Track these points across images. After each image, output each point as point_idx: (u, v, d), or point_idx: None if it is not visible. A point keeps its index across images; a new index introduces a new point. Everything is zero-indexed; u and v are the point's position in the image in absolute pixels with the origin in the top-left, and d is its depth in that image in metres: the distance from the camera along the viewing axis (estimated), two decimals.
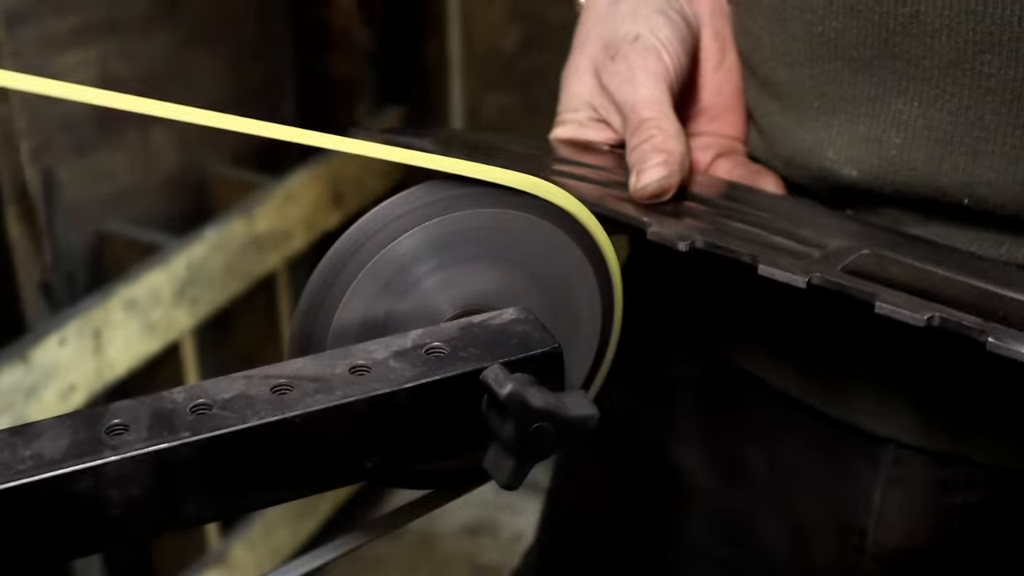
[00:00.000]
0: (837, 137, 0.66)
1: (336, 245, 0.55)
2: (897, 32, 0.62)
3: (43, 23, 1.62)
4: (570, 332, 0.60)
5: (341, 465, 0.50)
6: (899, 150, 0.64)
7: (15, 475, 0.45)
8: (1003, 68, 0.60)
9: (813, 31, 0.65)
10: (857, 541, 0.73)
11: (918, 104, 0.63)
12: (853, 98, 0.65)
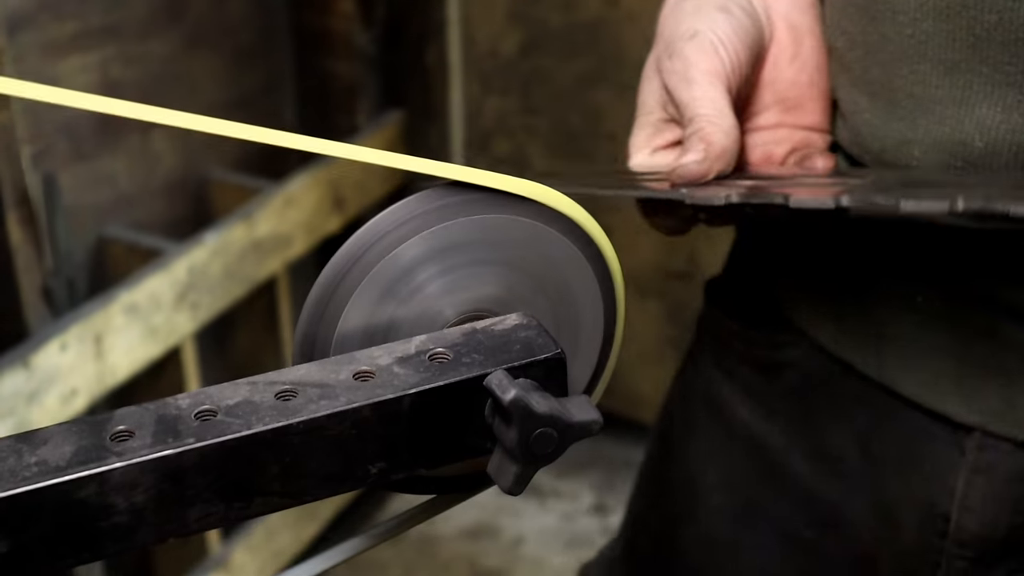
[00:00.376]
0: (924, 137, 0.68)
1: (340, 251, 0.55)
2: (983, 37, 0.63)
3: (43, 29, 1.62)
4: (573, 337, 0.60)
5: (346, 471, 0.50)
6: (981, 154, 0.66)
7: (20, 481, 0.45)
8: None
9: (904, 32, 0.67)
10: (941, 526, 0.75)
11: (1001, 109, 0.64)
12: (940, 100, 0.67)
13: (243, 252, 1.80)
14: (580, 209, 0.58)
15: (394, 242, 0.55)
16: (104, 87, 1.71)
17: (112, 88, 1.72)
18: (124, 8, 1.74)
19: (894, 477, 0.77)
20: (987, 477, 0.73)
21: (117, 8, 1.73)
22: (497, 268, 0.57)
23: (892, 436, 0.77)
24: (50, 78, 1.62)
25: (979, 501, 0.73)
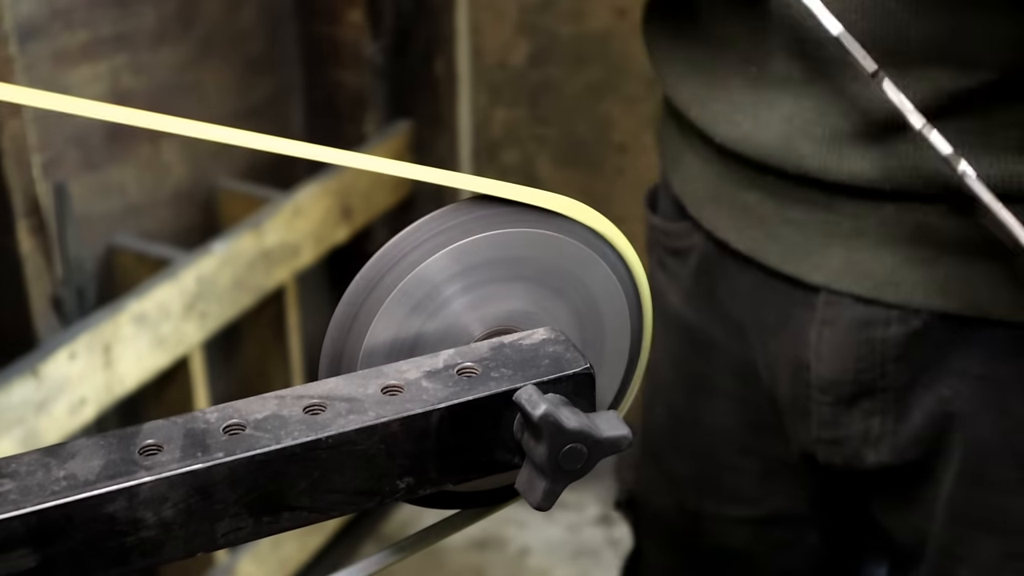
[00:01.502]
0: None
1: (367, 266, 0.55)
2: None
3: (54, 38, 1.62)
4: (600, 350, 0.59)
5: (374, 486, 0.50)
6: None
7: (49, 496, 0.45)
8: None
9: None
10: (805, 376, 0.86)
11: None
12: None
13: (252, 261, 1.80)
14: (607, 223, 0.58)
15: (421, 256, 0.55)
16: (114, 96, 1.71)
17: (122, 97, 1.72)
18: (135, 18, 1.74)
19: (773, 337, 0.88)
20: (832, 328, 0.83)
21: (128, 18, 1.73)
22: (524, 282, 0.57)
23: (768, 301, 0.87)
24: (61, 87, 1.62)
25: (828, 350, 0.84)
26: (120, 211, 1.80)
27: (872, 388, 0.84)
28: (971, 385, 0.81)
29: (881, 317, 0.81)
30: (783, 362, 0.88)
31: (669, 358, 1.01)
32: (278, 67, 2.08)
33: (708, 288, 0.94)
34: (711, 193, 0.89)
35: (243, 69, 1.99)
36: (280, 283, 1.89)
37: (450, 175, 0.56)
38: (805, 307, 0.84)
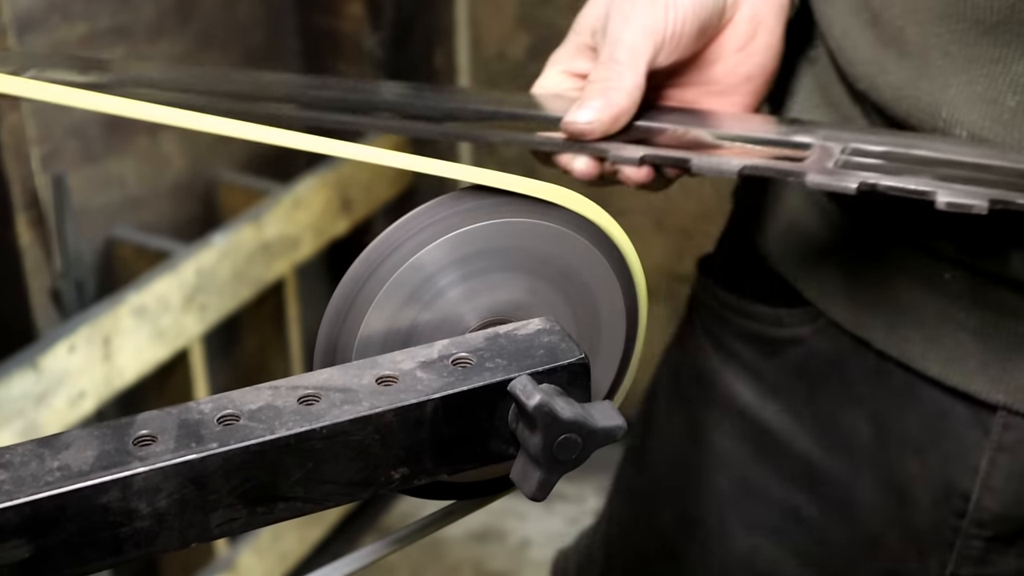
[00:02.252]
0: (954, 97, 0.67)
1: (361, 255, 0.55)
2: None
3: (53, 30, 1.62)
4: (595, 341, 0.59)
5: (368, 476, 0.50)
6: (1012, 113, 0.65)
7: (43, 486, 0.45)
8: None
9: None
10: (959, 505, 0.74)
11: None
12: (976, 59, 0.66)
13: (251, 254, 1.80)
14: (603, 213, 0.58)
15: (416, 247, 0.55)
16: None
17: None
18: (133, 10, 1.74)
19: (911, 456, 0.76)
20: (1011, 455, 0.72)
21: (127, 10, 1.73)
22: (519, 273, 0.56)
23: (911, 415, 0.76)
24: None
25: (1003, 480, 0.73)
26: (119, 203, 1.80)
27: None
28: None
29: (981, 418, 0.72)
30: (927, 486, 0.76)
31: (711, 456, 0.87)
32: (278, 60, 2.07)
33: (808, 390, 0.81)
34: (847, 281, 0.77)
35: (242, 62, 1.98)
36: (280, 275, 1.89)
37: (447, 165, 0.56)
38: (973, 427, 0.73)
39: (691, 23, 0.69)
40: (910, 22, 0.69)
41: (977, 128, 0.66)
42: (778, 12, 0.74)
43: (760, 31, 0.73)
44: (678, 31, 0.68)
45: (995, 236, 0.67)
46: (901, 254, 0.73)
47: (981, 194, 0.58)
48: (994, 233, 0.67)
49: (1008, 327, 0.70)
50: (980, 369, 0.71)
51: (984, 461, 0.73)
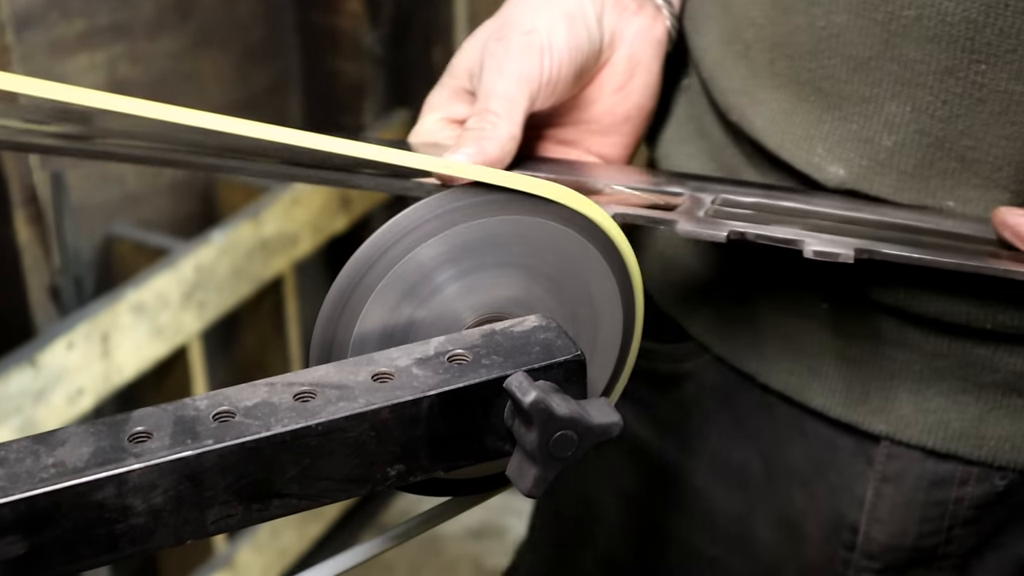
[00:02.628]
0: (829, 133, 0.66)
1: (358, 252, 0.55)
2: (898, 34, 0.62)
3: (51, 27, 1.62)
4: (591, 338, 0.59)
5: (364, 473, 0.50)
6: (889, 153, 0.65)
7: (38, 483, 0.45)
8: (995, 79, 0.61)
9: (816, 24, 0.65)
10: (849, 538, 0.74)
11: (911, 109, 0.63)
12: (848, 96, 0.65)
13: (250, 251, 1.80)
14: (599, 210, 0.58)
15: (413, 243, 0.55)
16: (112, 86, 1.71)
17: (119, 86, 1.72)
18: (132, 7, 1.74)
19: (799, 489, 0.76)
20: (896, 486, 0.71)
21: (125, 6, 1.73)
22: (516, 270, 0.56)
23: (797, 448, 0.75)
24: (58, 77, 1.62)
25: (888, 511, 0.72)
26: (118, 200, 1.80)
27: (932, 555, 0.72)
28: None
29: (956, 475, 0.70)
30: (817, 519, 0.75)
31: (618, 497, 0.86)
32: (277, 56, 2.07)
33: (700, 425, 0.80)
34: (729, 316, 0.76)
35: (241, 58, 1.98)
36: (279, 272, 1.89)
37: (444, 162, 0.56)
38: (857, 458, 0.72)
39: (567, 67, 0.67)
40: (780, 56, 0.68)
41: (854, 167, 0.66)
42: (656, 51, 0.73)
43: (638, 71, 0.72)
44: (554, 77, 0.67)
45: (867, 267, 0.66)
46: (777, 288, 0.72)
47: (847, 243, 0.59)
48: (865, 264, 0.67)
49: (888, 355, 0.70)
50: (862, 399, 0.71)
51: (870, 492, 0.72)
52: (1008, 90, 0.61)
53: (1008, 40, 0.60)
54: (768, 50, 0.69)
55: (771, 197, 0.65)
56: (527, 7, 0.68)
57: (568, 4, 0.68)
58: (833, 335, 0.71)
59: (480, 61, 0.67)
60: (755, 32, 0.70)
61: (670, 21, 0.74)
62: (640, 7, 0.73)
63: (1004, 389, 0.68)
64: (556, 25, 0.67)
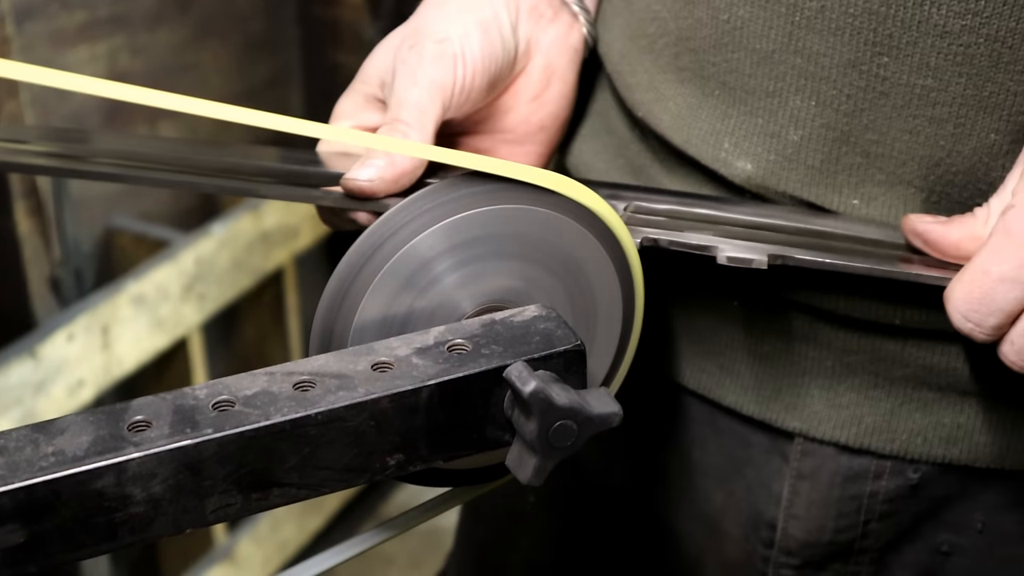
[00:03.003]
0: (735, 129, 0.66)
1: (357, 242, 0.55)
2: (801, 26, 0.62)
3: (51, 18, 1.62)
4: (591, 327, 0.59)
5: (364, 463, 0.50)
6: (796, 147, 0.64)
7: (37, 472, 0.45)
8: (898, 72, 0.61)
9: (719, 18, 0.65)
10: (767, 535, 0.73)
11: (815, 103, 0.63)
12: (753, 90, 0.65)
13: (250, 243, 1.79)
14: (599, 199, 0.58)
15: (411, 233, 0.55)
16: (112, 77, 1.71)
17: (120, 78, 1.72)
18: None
19: (717, 488, 0.76)
20: (812, 482, 0.71)
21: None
22: (515, 259, 0.56)
23: (714, 446, 0.75)
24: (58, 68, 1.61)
25: (804, 507, 0.72)
26: (118, 192, 1.80)
27: (849, 550, 0.73)
28: (971, 539, 0.71)
29: (870, 469, 0.70)
30: (736, 517, 0.75)
31: (540, 500, 0.85)
32: (277, 49, 2.07)
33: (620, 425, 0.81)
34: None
35: (242, 51, 1.98)
36: (279, 265, 1.89)
37: (442, 151, 0.56)
38: (773, 456, 0.73)
39: (481, 77, 0.66)
40: (685, 50, 0.68)
41: (761, 162, 0.65)
42: (572, 60, 0.73)
43: (554, 81, 0.72)
44: (468, 86, 0.66)
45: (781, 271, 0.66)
46: (689, 285, 0.72)
47: (760, 249, 0.59)
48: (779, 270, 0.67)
49: (799, 352, 0.69)
50: (774, 396, 0.71)
51: (786, 489, 0.72)
52: (910, 83, 0.61)
53: (910, 32, 0.60)
54: (672, 44, 0.68)
55: (684, 204, 0.65)
56: (441, 14, 0.67)
57: (483, 12, 0.67)
58: (744, 333, 0.71)
59: (392, 69, 0.66)
60: (659, 26, 0.69)
61: (586, 28, 0.73)
62: (556, 15, 0.72)
63: (914, 383, 0.68)
64: (470, 33, 0.66)
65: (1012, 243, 0.56)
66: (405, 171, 0.60)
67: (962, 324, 0.58)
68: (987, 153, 0.62)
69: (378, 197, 0.60)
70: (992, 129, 0.61)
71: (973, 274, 0.58)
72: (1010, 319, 0.58)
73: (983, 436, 0.68)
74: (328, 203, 0.61)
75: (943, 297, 0.59)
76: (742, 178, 0.66)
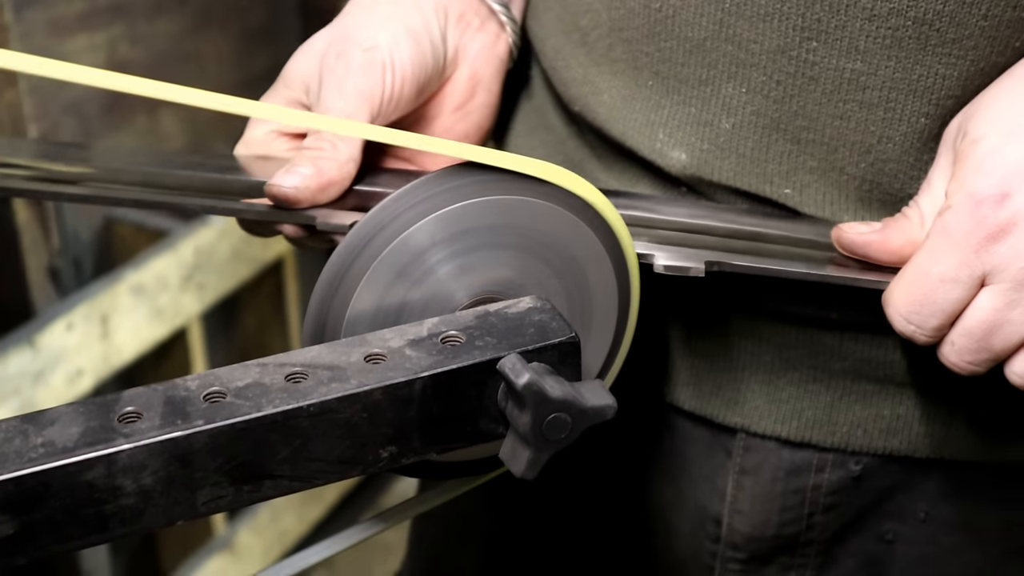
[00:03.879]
0: (669, 118, 0.66)
1: (351, 232, 0.54)
2: (731, 13, 0.62)
3: (50, 6, 1.61)
4: (587, 319, 0.59)
5: (356, 455, 0.50)
6: (728, 136, 0.65)
7: (27, 463, 0.44)
8: (827, 56, 0.61)
9: (651, 7, 0.65)
10: (713, 530, 0.74)
11: (746, 90, 0.63)
12: (686, 79, 0.65)
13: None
14: (594, 190, 0.57)
15: (406, 223, 0.54)
16: (111, 66, 1.70)
17: (119, 68, 1.71)
18: None
19: (665, 484, 0.76)
20: (755, 477, 0.72)
21: None
22: (510, 250, 0.56)
23: (660, 443, 0.75)
24: (57, 56, 1.61)
25: (749, 502, 0.72)
26: None
27: (795, 542, 0.73)
28: (915, 527, 0.72)
29: (812, 462, 0.71)
30: (683, 513, 0.76)
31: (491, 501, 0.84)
32: (278, 38, 2.06)
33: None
34: None
35: (242, 40, 1.97)
36: (279, 255, 1.89)
37: (436, 141, 0.55)
38: (716, 451, 0.73)
39: (410, 85, 0.65)
40: (618, 41, 0.67)
41: (695, 151, 0.65)
42: (497, 69, 0.72)
43: (478, 90, 0.71)
44: (396, 94, 0.65)
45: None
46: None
47: (697, 256, 0.60)
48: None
49: (738, 348, 0.70)
50: (714, 392, 0.71)
51: (730, 484, 0.72)
52: (839, 67, 0.61)
53: (838, 16, 0.60)
54: (606, 36, 0.68)
55: (619, 206, 0.64)
56: (368, 21, 0.66)
57: (412, 19, 0.67)
58: (683, 330, 0.71)
59: (318, 75, 0.65)
60: (591, 18, 0.69)
61: (513, 38, 0.73)
62: (483, 24, 0.71)
63: (853, 376, 0.68)
64: (400, 41, 0.65)
65: (950, 243, 0.57)
66: (332, 180, 0.60)
67: (904, 327, 0.59)
68: (918, 138, 0.62)
69: (302, 206, 0.60)
70: (922, 113, 0.61)
71: (913, 275, 0.58)
72: (950, 320, 0.58)
73: (922, 427, 0.69)
74: (252, 216, 0.60)
75: (882, 300, 0.60)
76: (677, 168, 0.66)
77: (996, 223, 0.56)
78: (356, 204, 0.61)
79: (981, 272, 0.56)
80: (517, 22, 0.74)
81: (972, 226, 0.56)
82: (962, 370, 0.59)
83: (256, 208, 0.60)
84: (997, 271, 0.56)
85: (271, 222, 0.62)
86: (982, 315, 0.57)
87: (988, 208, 0.56)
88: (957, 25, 0.59)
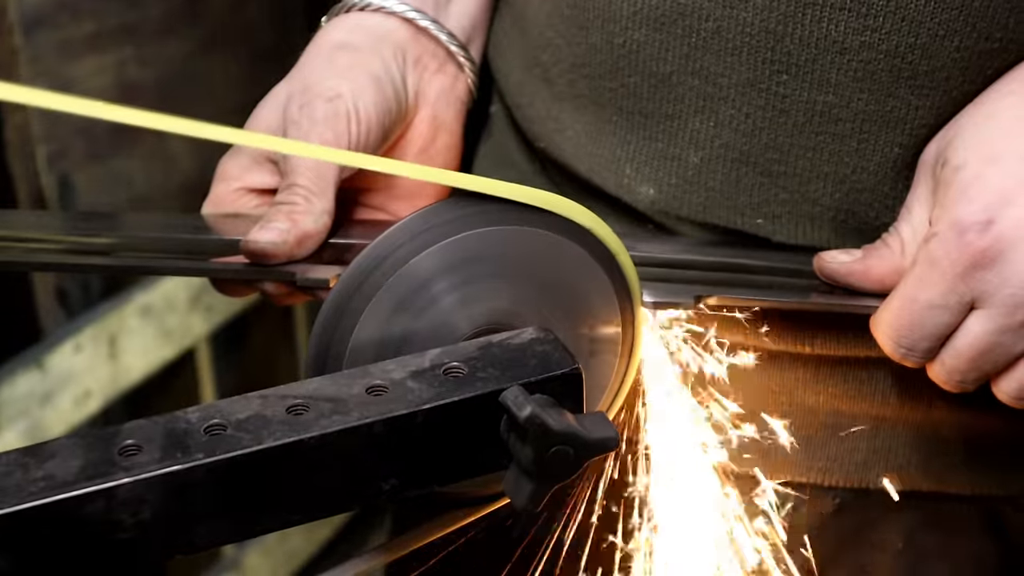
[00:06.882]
0: (635, 153, 0.66)
1: (354, 262, 0.54)
2: (698, 47, 0.62)
3: (60, 29, 1.61)
4: (591, 351, 0.59)
5: (358, 487, 0.49)
6: (696, 170, 0.64)
7: (26, 497, 0.44)
8: (798, 89, 0.61)
9: (614, 42, 0.64)
10: None
11: (714, 124, 0.63)
12: (652, 114, 0.65)
13: None
14: (596, 219, 0.57)
15: (409, 254, 0.54)
16: (120, 88, 1.71)
17: (128, 89, 1.72)
18: (142, 9, 1.73)
19: None
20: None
21: (134, 9, 1.72)
22: (513, 281, 0.56)
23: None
24: (66, 79, 1.61)
25: None
26: (126, 203, 1.79)
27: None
28: (892, 558, 0.72)
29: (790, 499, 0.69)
30: None
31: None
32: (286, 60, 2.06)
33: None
34: None
35: (251, 62, 1.98)
36: None
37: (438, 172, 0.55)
38: None
39: (376, 131, 0.64)
40: (580, 76, 0.67)
41: (663, 186, 0.65)
42: (458, 111, 0.71)
43: (440, 133, 0.70)
44: (362, 143, 0.64)
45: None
46: None
47: (686, 290, 0.61)
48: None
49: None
50: None
51: None
52: (811, 100, 0.61)
53: (808, 50, 0.60)
54: (567, 71, 0.67)
55: None
56: (329, 69, 0.65)
57: (373, 65, 0.66)
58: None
59: (282, 129, 0.64)
60: (552, 53, 0.68)
61: (472, 78, 0.72)
62: (441, 66, 0.70)
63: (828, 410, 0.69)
64: (364, 88, 0.64)
65: (937, 271, 0.57)
66: (309, 234, 0.60)
67: (895, 350, 0.60)
68: (892, 168, 0.62)
69: (280, 261, 0.59)
70: (896, 143, 0.62)
71: (901, 302, 0.59)
72: (940, 342, 0.59)
73: (898, 460, 0.69)
74: (229, 276, 0.60)
75: (871, 325, 0.60)
76: (645, 203, 0.66)
77: (981, 249, 0.56)
78: (333, 257, 0.61)
79: (969, 297, 0.57)
80: (476, 62, 0.73)
81: (958, 254, 0.57)
82: (952, 388, 0.60)
83: (233, 267, 0.59)
84: (985, 296, 0.57)
85: (248, 280, 0.62)
86: (972, 339, 0.58)
87: (973, 235, 0.56)
88: (930, 57, 0.59)
